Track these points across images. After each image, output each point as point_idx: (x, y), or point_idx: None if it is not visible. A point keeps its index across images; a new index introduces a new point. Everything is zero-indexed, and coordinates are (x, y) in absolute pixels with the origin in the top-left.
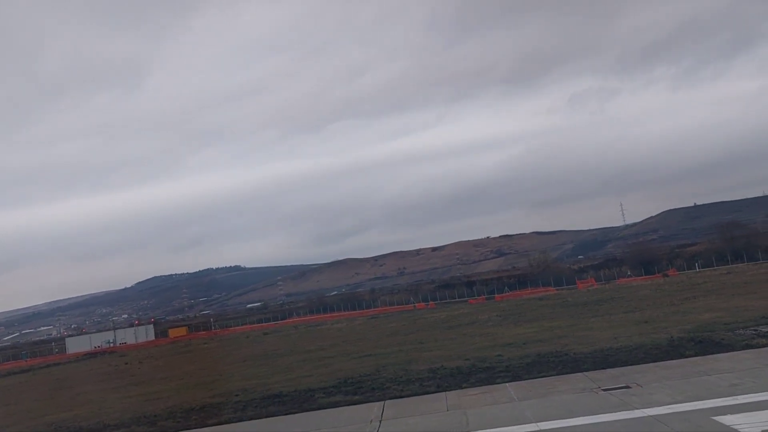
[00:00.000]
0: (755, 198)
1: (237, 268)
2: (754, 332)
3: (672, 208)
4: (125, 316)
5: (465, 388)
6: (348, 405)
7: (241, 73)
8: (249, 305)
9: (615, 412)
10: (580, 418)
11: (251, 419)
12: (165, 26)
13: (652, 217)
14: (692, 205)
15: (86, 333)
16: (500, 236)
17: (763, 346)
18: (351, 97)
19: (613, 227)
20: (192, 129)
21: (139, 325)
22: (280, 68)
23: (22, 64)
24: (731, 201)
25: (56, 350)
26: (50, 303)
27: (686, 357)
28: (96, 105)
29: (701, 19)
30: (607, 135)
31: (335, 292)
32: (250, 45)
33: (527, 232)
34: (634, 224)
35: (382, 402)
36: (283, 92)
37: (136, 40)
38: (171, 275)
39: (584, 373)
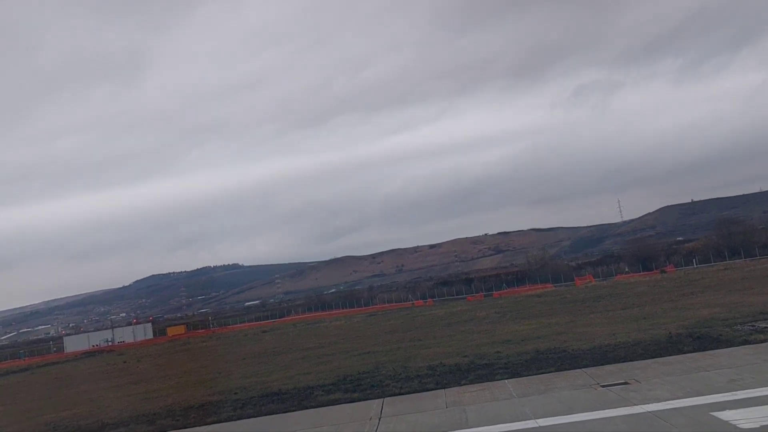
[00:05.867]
0: (753, 194)
1: (235, 266)
2: (752, 328)
3: (669, 204)
4: (123, 314)
5: (464, 384)
6: (347, 402)
7: (241, 66)
8: (247, 303)
9: (614, 408)
10: (579, 414)
11: (250, 417)
12: (165, 18)
13: (649, 214)
14: (689, 201)
15: (84, 332)
16: (498, 233)
17: (762, 341)
18: (352, 90)
19: (610, 224)
20: (190, 124)
21: (137, 323)
22: (281, 61)
23: (20, 58)
24: (729, 197)
25: (54, 349)
26: (48, 302)
27: (685, 353)
28: (94, 99)
29: (707, 11)
30: (608, 130)
31: (333, 290)
32: (250, 37)
33: (525, 229)
34: (632, 221)
35: (381, 399)
36: (284, 85)
37: (135, 32)
38: (169, 274)
39: (583, 369)
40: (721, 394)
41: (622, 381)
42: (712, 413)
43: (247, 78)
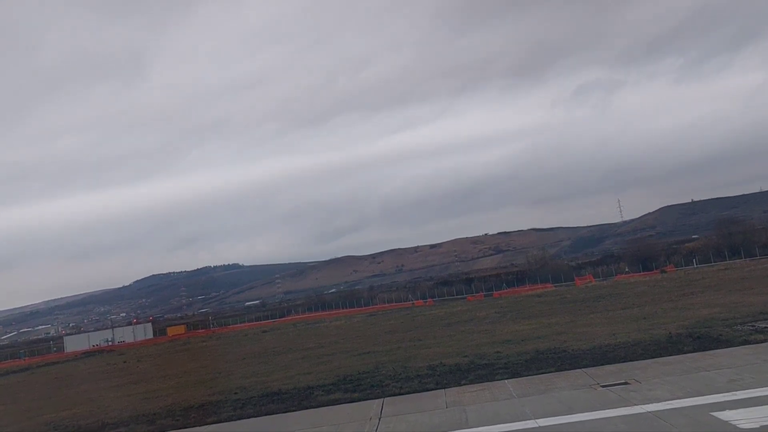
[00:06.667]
0: (753, 194)
1: (235, 266)
2: (752, 328)
3: (669, 204)
4: (123, 314)
5: (464, 384)
6: (347, 402)
7: (241, 65)
8: (247, 303)
9: (614, 408)
10: (579, 414)
11: (250, 417)
12: (165, 18)
13: (649, 214)
14: (690, 201)
15: (84, 332)
16: (498, 233)
17: (761, 341)
18: (353, 90)
19: (610, 224)
20: (190, 123)
21: (137, 323)
22: (281, 61)
23: (20, 58)
24: (729, 197)
25: (54, 349)
26: (48, 302)
27: (685, 353)
28: (94, 98)
29: (707, 11)
30: (608, 130)
31: (333, 290)
32: (250, 37)
33: (525, 229)
34: (632, 221)
35: (381, 399)
36: (284, 85)
37: (135, 32)
38: (169, 273)
39: (583, 369)
40: (721, 394)
41: (622, 381)
42: (712, 413)
43: (247, 78)
